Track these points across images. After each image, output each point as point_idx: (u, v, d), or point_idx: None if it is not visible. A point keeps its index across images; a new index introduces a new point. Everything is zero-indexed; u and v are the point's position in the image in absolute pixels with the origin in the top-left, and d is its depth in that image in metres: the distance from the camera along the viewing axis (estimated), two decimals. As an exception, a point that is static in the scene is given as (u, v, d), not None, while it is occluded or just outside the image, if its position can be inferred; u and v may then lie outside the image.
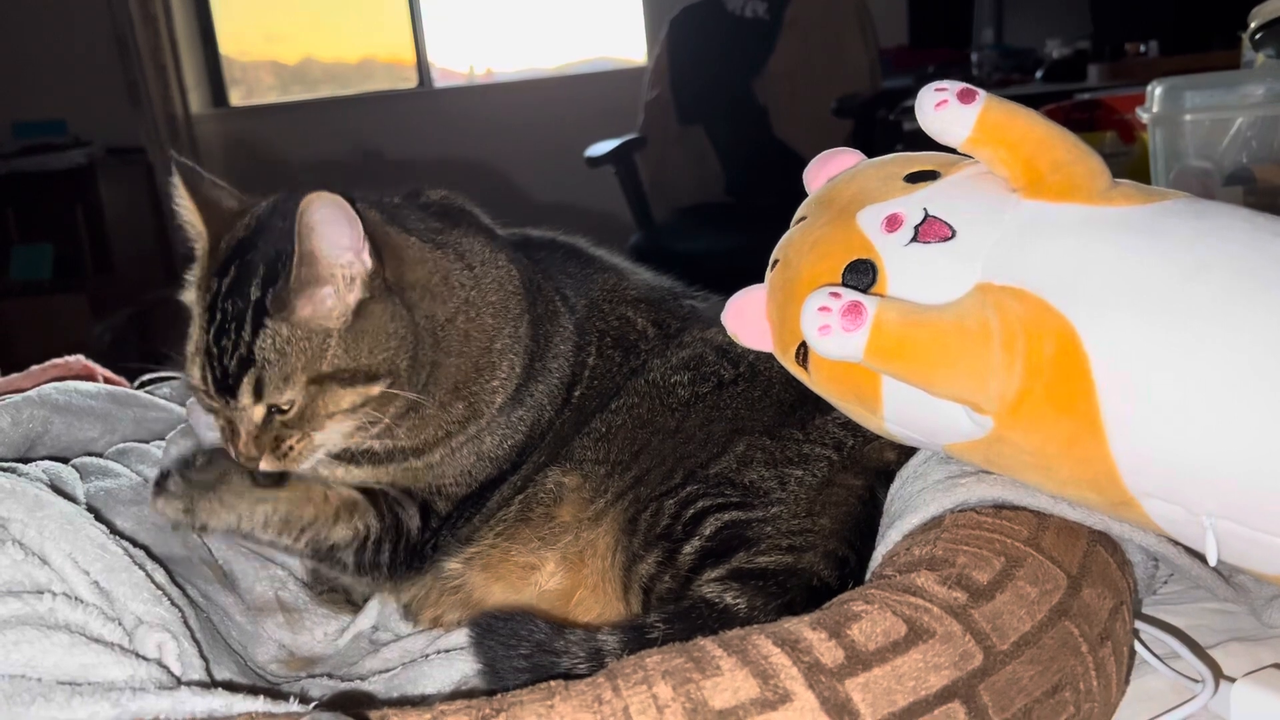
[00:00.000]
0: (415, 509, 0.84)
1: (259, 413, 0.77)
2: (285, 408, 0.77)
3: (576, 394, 0.87)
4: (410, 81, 4.93)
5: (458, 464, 0.84)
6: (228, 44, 4.99)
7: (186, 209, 0.81)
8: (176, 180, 0.81)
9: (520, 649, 0.64)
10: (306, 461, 0.80)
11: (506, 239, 0.92)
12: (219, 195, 0.82)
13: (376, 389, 0.77)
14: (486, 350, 0.83)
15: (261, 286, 0.76)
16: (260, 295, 0.75)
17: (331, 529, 0.82)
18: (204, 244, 0.81)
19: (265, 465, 0.78)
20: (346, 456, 0.83)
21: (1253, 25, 1.33)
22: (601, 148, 3.19)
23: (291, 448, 0.78)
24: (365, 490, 0.84)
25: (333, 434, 0.79)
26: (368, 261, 0.76)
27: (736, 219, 3.13)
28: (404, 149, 4.57)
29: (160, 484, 0.81)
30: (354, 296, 0.76)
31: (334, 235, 0.73)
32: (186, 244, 0.83)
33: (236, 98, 5.06)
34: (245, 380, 0.76)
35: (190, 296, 0.81)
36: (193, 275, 0.82)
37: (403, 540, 0.84)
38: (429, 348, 0.80)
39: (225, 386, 0.77)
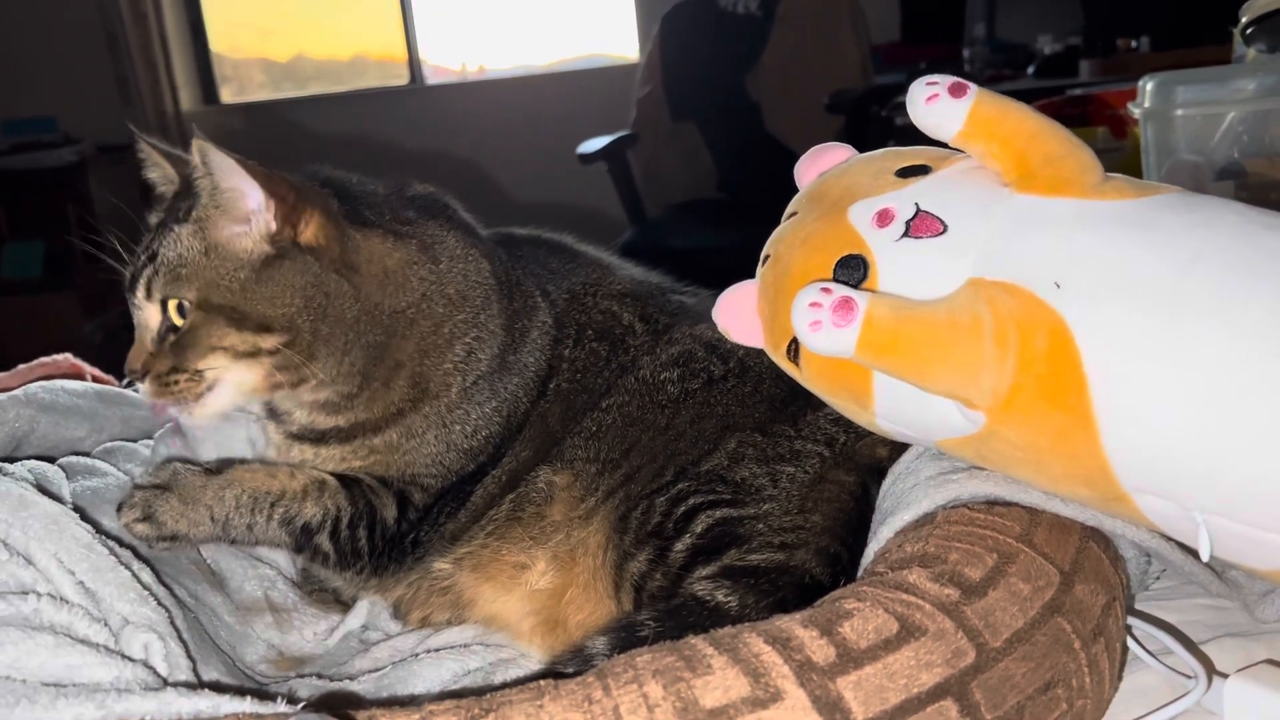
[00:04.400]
0: (390, 497, 0.84)
1: (154, 315, 0.81)
2: (177, 322, 0.80)
3: (553, 385, 0.87)
4: (402, 78, 4.92)
5: (426, 451, 0.84)
6: (218, 41, 4.98)
7: (158, 161, 0.88)
8: (142, 143, 0.87)
9: None
10: (198, 407, 0.81)
11: (485, 235, 0.92)
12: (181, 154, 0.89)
13: (269, 341, 0.79)
14: (432, 333, 0.84)
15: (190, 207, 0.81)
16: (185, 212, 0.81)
17: (301, 505, 0.82)
18: (175, 186, 0.87)
19: (146, 387, 0.81)
20: (311, 436, 0.85)
21: (1244, 20, 1.33)
22: (594, 144, 3.19)
23: (177, 382, 0.80)
24: (339, 476, 0.84)
25: (227, 381, 0.81)
26: (271, 222, 0.79)
27: (729, 215, 3.12)
28: (396, 146, 4.56)
29: (120, 505, 0.80)
30: (262, 248, 0.79)
31: (235, 181, 0.78)
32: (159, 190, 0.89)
33: (228, 95, 5.05)
34: (144, 274, 0.81)
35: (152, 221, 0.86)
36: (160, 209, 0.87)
37: (378, 528, 0.83)
38: (370, 329, 0.82)
39: (132, 281, 0.82)
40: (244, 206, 0.79)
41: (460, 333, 0.84)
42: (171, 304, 0.80)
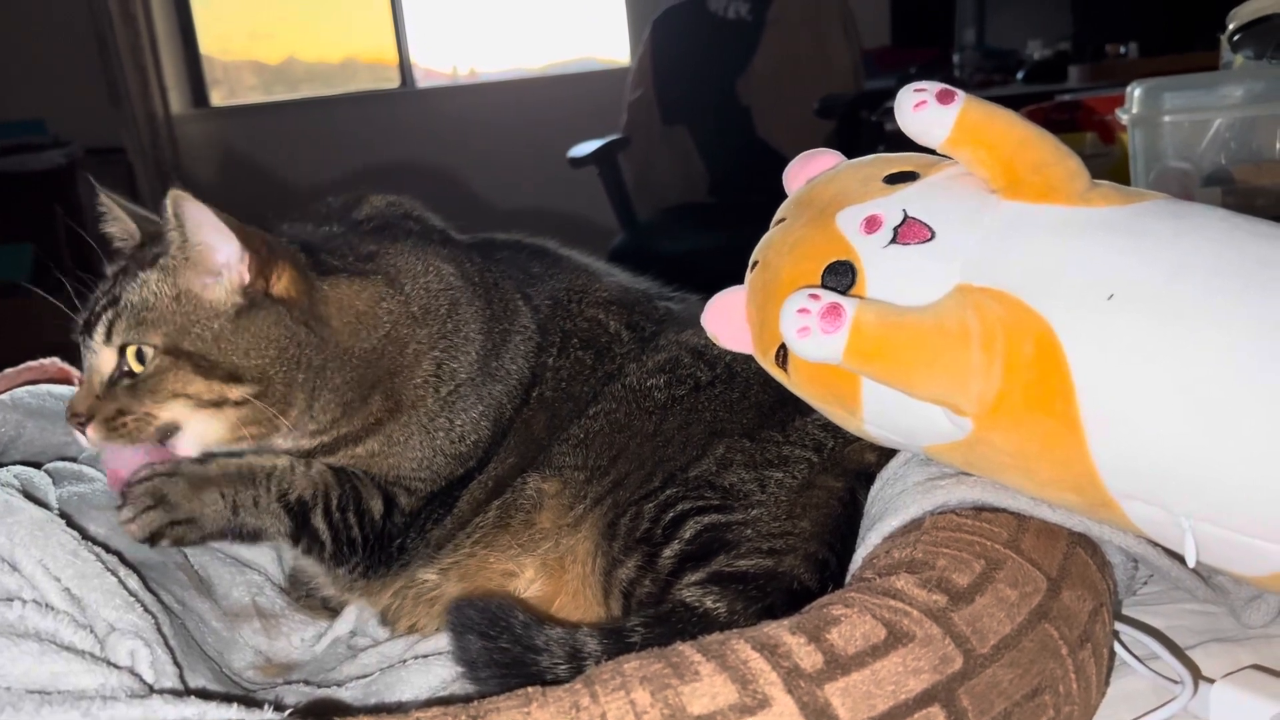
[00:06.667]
0: (377, 492, 0.84)
1: (107, 359, 0.79)
2: (135, 368, 0.78)
3: (536, 393, 0.87)
4: (393, 82, 4.92)
5: (411, 456, 0.84)
6: (209, 43, 4.97)
7: (118, 216, 0.86)
8: (103, 196, 0.86)
9: (500, 641, 0.64)
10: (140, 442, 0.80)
11: (458, 241, 0.92)
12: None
13: (236, 392, 0.78)
14: (398, 354, 0.83)
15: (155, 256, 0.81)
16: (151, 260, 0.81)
17: (293, 478, 0.82)
18: (134, 241, 0.86)
19: (91, 433, 0.78)
20: (295, 454, 0.84)
21: (1231, 27, 1.34)
22: (585, 148, 3.19)
23: (125, 424, 0.78)
24: (325, 463, 0.84)
25: (189, 431, 0.80)
26: (245, 275, 0.78)
27: (719, 219, 3.13)
28: (387, 149, 4.56)
29: (121, 504, 0.79)
30: (234, 299, 0.78)
31: (209, 235, 0.77)
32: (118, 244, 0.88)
33: (218, 98, 5.03)
34: (104, 318, 0.79)
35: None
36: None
37: (366, 516, 0.83)
38: (341, 369, 0.81)
39: (88, 325, 0.80)
40: (215, 260, 0.78)
41: (426, 348, 0.84)
42: (130, 350, 0.78)
